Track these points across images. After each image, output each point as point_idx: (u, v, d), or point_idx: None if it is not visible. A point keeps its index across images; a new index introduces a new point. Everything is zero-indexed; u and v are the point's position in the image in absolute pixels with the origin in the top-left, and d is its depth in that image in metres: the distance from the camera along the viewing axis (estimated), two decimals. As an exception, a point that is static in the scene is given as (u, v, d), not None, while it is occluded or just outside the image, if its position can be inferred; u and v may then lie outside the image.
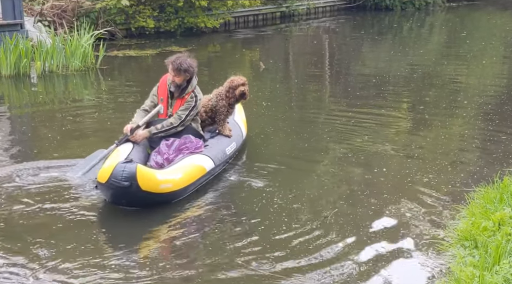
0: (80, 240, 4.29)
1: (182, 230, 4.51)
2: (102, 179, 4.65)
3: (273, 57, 13.14)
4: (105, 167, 4.74)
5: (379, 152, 6.30)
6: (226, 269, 3.94)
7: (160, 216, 4.71)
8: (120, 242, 4.31)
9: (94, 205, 4.87)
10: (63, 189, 5.14)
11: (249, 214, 4.78)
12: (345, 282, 3.82)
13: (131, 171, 4.52)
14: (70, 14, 13.06)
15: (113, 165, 4.62)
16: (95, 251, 4.15)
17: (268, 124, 7.40)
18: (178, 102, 5.43)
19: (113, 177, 4.53)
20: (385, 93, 9.18)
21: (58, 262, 3.98)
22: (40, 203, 4.89)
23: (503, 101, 8.67)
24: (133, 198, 4.67)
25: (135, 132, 5.31)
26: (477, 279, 3.44)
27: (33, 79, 10.00)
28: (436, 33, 17.16)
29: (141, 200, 4.69)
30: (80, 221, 4.62)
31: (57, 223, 4.57)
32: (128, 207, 4.76)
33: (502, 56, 12.90)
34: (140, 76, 11.10)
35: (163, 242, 4.41)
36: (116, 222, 4.69)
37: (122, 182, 4.51)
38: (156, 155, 5.30)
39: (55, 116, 7.88)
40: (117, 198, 4.71)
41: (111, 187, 4.57)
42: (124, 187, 4.52)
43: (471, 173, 5.65)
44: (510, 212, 4.03)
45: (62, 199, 4.95)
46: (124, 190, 4.54)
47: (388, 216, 4.75)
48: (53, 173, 5.50)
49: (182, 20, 14.55)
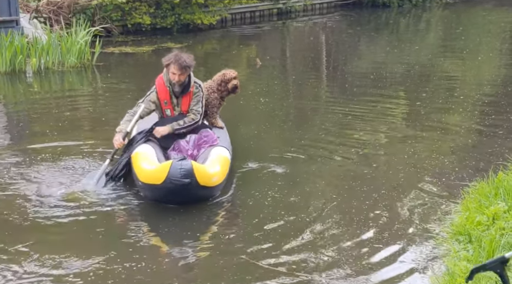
0: (87, 240, 4.30)
1: (187, 230, 4.50)
2: (156, 180, 4.58)
3: (270, 53, 13.13)
4: (154, 169, 4.66)
5: (375, 148, 6.31)
6: (221, 261, 3.96)
7: (160, 216, 4.70)
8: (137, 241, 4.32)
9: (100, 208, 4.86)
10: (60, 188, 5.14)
11: (243, 207, 4.80)
12: (339, 275, 3.83)
13: (188, 168, 4.51)
14: (66, 10, 13.02)
15: (167, 164, 4.56)
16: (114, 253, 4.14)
17: (265, 120, 7.40)
18: (186, 99, 5.33)
19: (172, 176, 4.49)
20: (382, 89, 9.19)
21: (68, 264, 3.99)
22: (34, 203, 4.89)
23: (499, 96, 8.69)
24: (192, 195, 4.66)
25: (156, 128, 5.27)
26: (471, 273, 3.44)
27: (29, 75, 9.97)
28: (432, 29, 17.16)
29: (197, 196, 4.71)
30: (80, 221, 4.62)
31: (54, 225, 4.57)
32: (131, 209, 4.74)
33: (498, 52, 12.92)
34: (136, 72, 11.07)
35: (166, 241, 4.41)
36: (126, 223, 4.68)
37: (183, 180, 4.49)
38: (176, 153, 5.19)
39: (51, 112, 7.86)
40: (176, 197, 4.64)
41: (170, 186, 4.52)
42: (184, 184, 4.50)
43: (467, 168, 5.66)
44: (504, 207, 4.05)
45: (60, 200, 4.95)
46: (184, 188, 4.53)
47: (383, 210, 4.76)
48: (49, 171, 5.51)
49: (179, 17, 14.52)
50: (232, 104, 6.83)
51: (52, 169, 5.54)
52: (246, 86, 9.56)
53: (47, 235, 4.37)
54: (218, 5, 15.58)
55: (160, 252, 4.27)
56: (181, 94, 5.32)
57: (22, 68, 9.97)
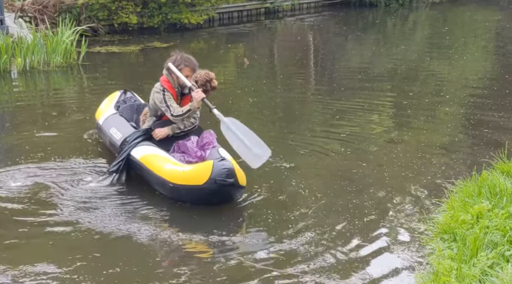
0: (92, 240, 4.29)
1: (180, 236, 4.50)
2: (197, 181, 4.53)
3: (257, 53, 13.12)
4: (193, 169, 4.62)
5: (362, 147, 6.34)
6: (212, 265, 3.95)
7: (162, 215, 4.69)
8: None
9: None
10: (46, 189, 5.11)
11: (233, 209, 4.79)
12: (324, 273, 3.84)
13: (231, 167, 4.51)
14: (52, 10, 12.91)
15: (208, 164, 4.52)
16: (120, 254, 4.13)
17: (253, 119, 7.39)
18: (186, 100, 5.25)
19: (217, 176, 4.45)
20: (370, 88, 9.23)
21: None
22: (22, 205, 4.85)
23: (484, 95, 8.76)
24: (232, 195, 4.67)
25: (155, 131, 5.19)
26: (455, 271, 3.48)
27: (14, 75, 9.87)
28: (419, 29, 17.27)
29: (235, 196, 4.72)
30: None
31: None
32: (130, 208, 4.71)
33: (483, 52, 13.04)
34: (123, 72, 11.02)
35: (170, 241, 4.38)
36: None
37: (228, 180, 4.47)
38: (182, 155, 5.08)
39: (36, 112, 7.80)
40: (218, 197, 4.61)
41: (213, 186, 4.47)
42: (229, 184, 4.49)
43: (452, 166, 5.71)
44: (487, 205, 4.08)
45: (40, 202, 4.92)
46: (229, 187, 4.52)
47: (369, 209, 4.78)
48: (36, 172, 5.47)
49: (166, 16, 14.46)
50: (220, 104, 6.81)
51: (38, 168, 5.51)
52: (233, 85, 9.57)
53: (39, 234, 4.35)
54: (206, 5, 15.54)
55: (159, 251, 4.25)
56: (183, 95, 5.27)
57: (7, 68, 9.87)
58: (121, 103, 6.24)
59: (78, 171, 5.49)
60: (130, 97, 6.41)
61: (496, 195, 4.25)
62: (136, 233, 4.36)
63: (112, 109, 6.09)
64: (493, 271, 3.34)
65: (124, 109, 6.05)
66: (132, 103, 6.24)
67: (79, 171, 5.49)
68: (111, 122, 5.80)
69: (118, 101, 6.28)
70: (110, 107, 6.17)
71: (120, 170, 5.15)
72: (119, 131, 5.56)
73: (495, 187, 4.34)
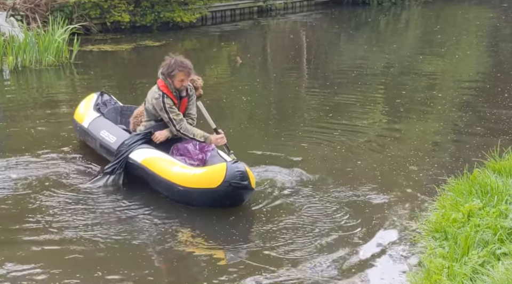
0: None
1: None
2: (210, 184, 4.49)
3: (250, 51, 13.11)
4: (205, 172, 4.59)
5: (355, 145, 6.36)
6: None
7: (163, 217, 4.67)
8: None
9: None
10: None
11: (225, 211, 4.80)
12: (315, 272, 3.86)
13: (244, 170, 4.49)
14: (44, 8, 12.83)
15: (222, 167, 4.49)
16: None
17: (246, 118, 7.41)
18: (184, 102, 5.18)
19: (232, 179, 4.42)
20: (362, 86, 9.25)
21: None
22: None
23: (476, 93, 8.80)
24: (245, 198, 4.65)
25: (155, 134, 5.10)
26: (446, 270, 3.49)
27: (5, 74, 9.82)
28: (411, 27, 17.30)
29: (247, 198, 4.68)
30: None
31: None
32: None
33: (475, 50, 13.08)
34: (115, 70, 10.98)
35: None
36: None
37: (243, 182, 4.45)
38: (183, 157, 5.03)
39: (28, 110, 7.76)
40: (231, 200, 4.59)
41: (228, 189, 4.45)
42: (243, 186, 4.47)
43: (445, 165, 5.73)
44: (478, 204, 4.10)
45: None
46: (243, 190, 4.50)
47: (361, 207, 4.80)
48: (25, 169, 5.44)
49: (158, 15, 14.40)
50: (213, 103, 6.82)
51: (30, 166, 5.50)
52: (227, 83, 9.56)
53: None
54: (198, 3, 15.49)
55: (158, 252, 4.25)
56: (181, 98, 5.17)
57: (-2, 67, 9.83)
58: (101, 105, 6.12)
59: (70, 171, 5.47)
60: (109, 100, 6.29)
61: (487, 194, 4.27)
62: (133, 236, 4.33)
63: (93, 111, 5.98)
64: (484, 270, 3.36)
65: (109, 111, 5.99)
66: (113, 105, 6.18)
67: (71, 171, 5.47)
68: (98, 125, 5.71)
69: (97, 103, 6.14)
70: (90, 109, 6.05)
71: (117, 172, 5.07)
72: (111, 133, 5.48)
73: (486, 185, 4.36)
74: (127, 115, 5.92)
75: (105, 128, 5.60)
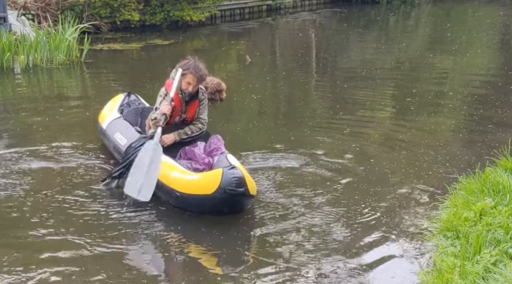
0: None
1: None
2: (205, 190, 4.31)
3: (259, 50, 13.11)
4: (201, 178, 4.42)
5: (365, 144, 6.34)
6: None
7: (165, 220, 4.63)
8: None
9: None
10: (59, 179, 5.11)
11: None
12: (327, 269, 3.86)
13: (240, 176, 4.28)
14: (54, 7, 12.91)
15: (217, 173, 4.30)
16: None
17: (255, 116, 7.42)
18: (193, 106, 5.09)
19: (227, 185, 4.22)
20: (372, 84, 9.23)
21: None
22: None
23: (488, 91, 8.75)
24: (242, 205, 4.45)
25: (163, 136, 4.94)
26: (458, 269, 3.48)
27: (17, 73, 9.89)
28: (421, 26, 17.22)
29: (245, 206, 4.50)
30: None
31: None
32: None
33: (486, 48, 13.01)
34: (125, 69, 11.03)
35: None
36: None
37: (238, 189, 4.24)
38: (190, 161, 4.90)
39: (39, 109, 7.81)
40: (226, 207, 4.39)
41: (223, 196, 4.25)
42: (239, 193, 4.26)
43: (456, 164, 5.71)
44: (490, 203, 4.08)
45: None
46: (239, 197, 4.30)
47: (372, 206, 4.79)
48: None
49: (168, 13, 14.44)
50: (224, 100, 6.81)
51: (44, 165, 5.54)
52: (236, 82, 9.56)
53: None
54: (208, 2, 15.51)
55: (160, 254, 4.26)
56: (189, 101, 5.10)
57: (9, 65, 9.87)
58: (125, 106, 6.02)
59: (79, 172, 5.43)
60: (134, 100, 6.18)
61: (499, 192, 4.25)
62: (136, 241, 4.26)
63: (116, 112, 5.87)
64: (496, 269, 3.35)
65: (128, 112, 5.83)
66: (136, 106, 6.02)
67: (80, 172, 5.43)
68: (115, 127, 5.58)
69: (122, 104, 6.05)
70: (114, 110, 5.94)
71: (124, 176, 4.91)
72: (124, 136, 5.34)
73: (498, 184, 4.34)
74: (147, 116, 5.66)
75: (119, 130, 5.46)
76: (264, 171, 5.46)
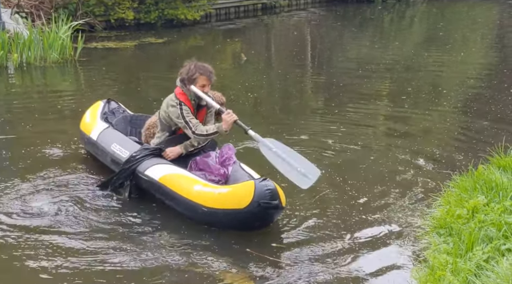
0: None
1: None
2: (237, 205, 4.07)
3: (255, 48, 13.11)
4: (231, 191, 4.18)
5: (360, 141, 6.35)
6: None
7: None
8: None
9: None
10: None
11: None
12: (320, 267, 3.86)
13: (273, 188, 4.07)
14: (48, 5, 12.86)
15: (249, 185, 4.07)
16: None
17: (250, 115, 7.40)
18: (201, 113, 4.82)
19: (261, 198, 4.00)
20: (368, 83, 9.24)
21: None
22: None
23: (482, 90, 8.78)
24: (274, 217, 4.24)
25: (166, 151, 4.74)
26: (450, 266, 3.49)
27: (10, 71, 9.85)
28: (415, 24, 17.26)
29: (275, 218, 4.29)
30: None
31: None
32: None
33: (480, 47, 13.05)
34: (119, 67, 10.99)
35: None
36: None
37: (273, 202, 4.03)
38: (203, 173, 4.66)
39: (32, 107, 7.78)
40: (260, 221, 4.18)
41: (257, 210, 4.03)
42: (274, 206, 4.05)
43: (450, 161, 5.72)
44: (483, 200, 4.08)
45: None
46: (273, 211, 4.10)
47: (365, 203, 4.80)
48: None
49: (162, 12, 14.41)
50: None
51: (35, 166, 5.49)
52: (231, 80, 9.56)
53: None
54: (202, 1, 15.50)
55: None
56: (198, 108, 4.80)
57: (3, 64, 9.82)
58: (109, 114, 5.71)
59: (74, 171, 5.39)
60: (117, 108, 5.87)
61: (492, 190, 4.25)
62: (137, 243, 4.19)
63: (101, 121, 5.53)
64: (489, 266, 3.35)
65: (118, 121, 5.56)
66: (123, 114, 5.75)
67: (75, 172, 5.39)
68: (109, 138, 5.25)
69: (105, 112, 5.73)
70: (97, 118, 5.60)
71: (124, 186, 4.76)
72: (124, 147, 5.02)
73: (491, 181, 4.34)
74: (137, 125, 5.56)
75: (116, 142, 5.14)
76: (258, 170, 5.44)
